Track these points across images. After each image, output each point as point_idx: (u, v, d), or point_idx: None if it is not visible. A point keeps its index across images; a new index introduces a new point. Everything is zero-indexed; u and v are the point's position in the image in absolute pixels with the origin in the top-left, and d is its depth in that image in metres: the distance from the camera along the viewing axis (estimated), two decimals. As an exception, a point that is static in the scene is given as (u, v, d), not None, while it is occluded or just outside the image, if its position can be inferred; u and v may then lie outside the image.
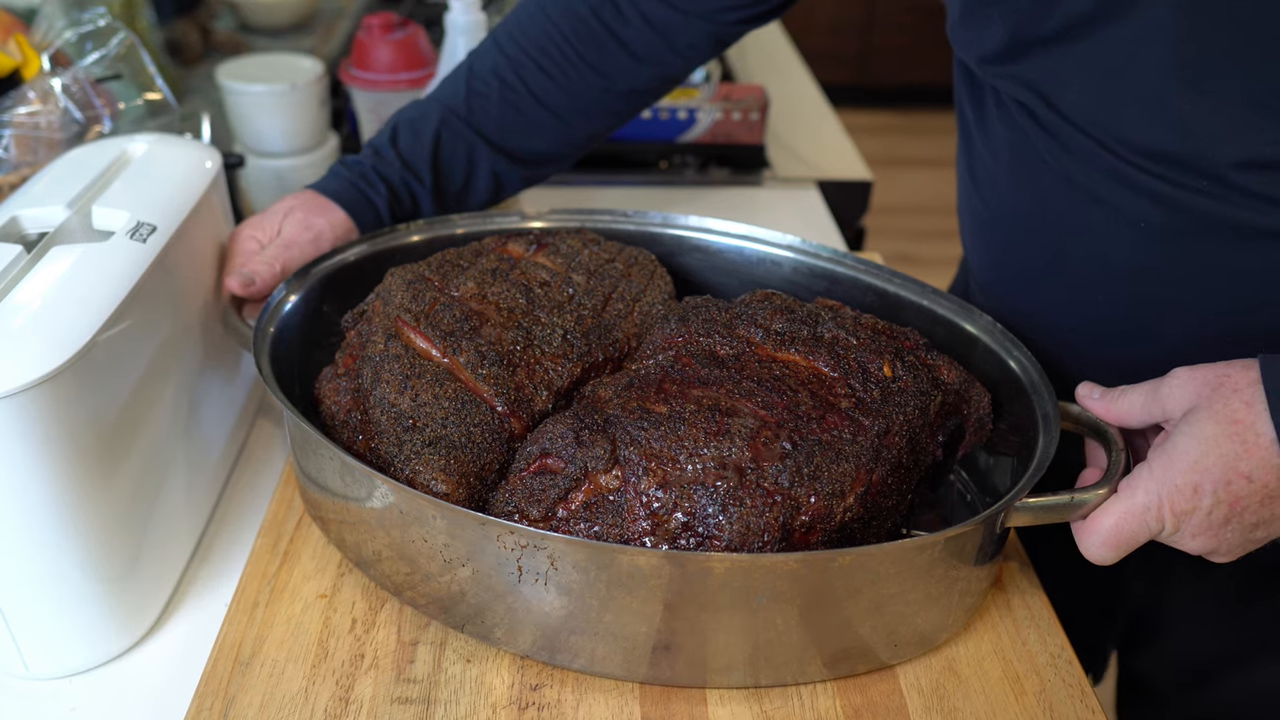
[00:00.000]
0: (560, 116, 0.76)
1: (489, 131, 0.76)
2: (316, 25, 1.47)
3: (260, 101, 0.96)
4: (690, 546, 0.49)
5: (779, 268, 0.72)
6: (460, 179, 0.76)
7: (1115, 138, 0.56)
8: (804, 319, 0.59)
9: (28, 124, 0.72)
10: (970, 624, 0.58)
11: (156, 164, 0.65)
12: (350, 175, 0.73)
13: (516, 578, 0.50)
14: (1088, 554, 0.53)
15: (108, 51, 0.80)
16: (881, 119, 3.51)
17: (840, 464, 0.51)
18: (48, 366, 0.47)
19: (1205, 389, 0.49)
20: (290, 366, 0.63)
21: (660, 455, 0.51)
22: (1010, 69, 0.60)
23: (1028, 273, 0.66)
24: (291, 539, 0.63)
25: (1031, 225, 0.64)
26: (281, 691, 0.53)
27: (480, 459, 0.54)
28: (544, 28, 0.75)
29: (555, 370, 0.59)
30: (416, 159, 0.74)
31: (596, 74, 0.75)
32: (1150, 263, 0.59)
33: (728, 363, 0.57)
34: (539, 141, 0.77)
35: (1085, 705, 0.54)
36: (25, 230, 0.59)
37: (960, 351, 0.64)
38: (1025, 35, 0.58)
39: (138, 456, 0.56)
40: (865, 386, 0.55)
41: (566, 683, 0.54)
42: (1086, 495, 0.52)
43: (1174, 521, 0.50)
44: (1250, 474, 0.47)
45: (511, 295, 0.62)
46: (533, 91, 0.75)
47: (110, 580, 0.55)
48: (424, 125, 0.75)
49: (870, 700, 0.54)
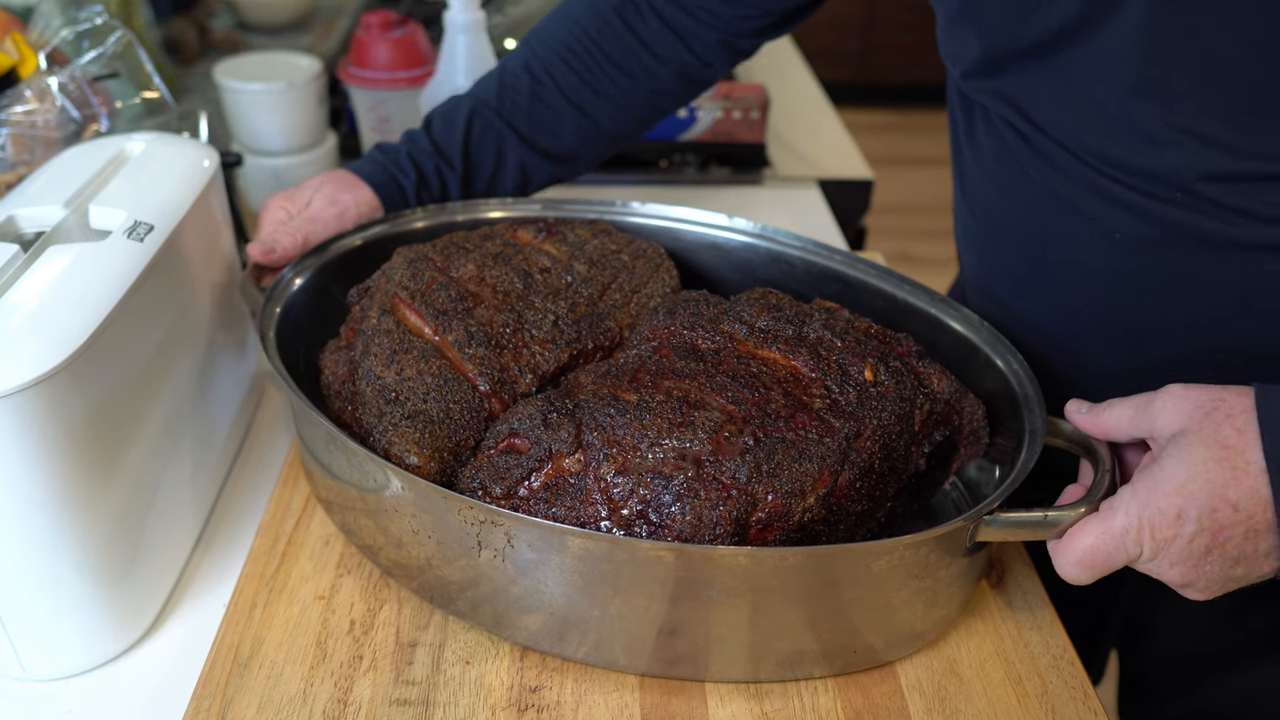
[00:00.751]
0: (586, 113, 0.78)
1: (519, 123, 0.77)
2: (315, 23, 1.46)
3: (258, 100, 0.95)
4: (643, 534, 0.50)
5: (792, 268, 0.72)
6: (489, 168, 0.78)
7: (1089, 150, 0.57)
8: (791, 318, 0.59)
9: (24, 123, 0.72)
10: (972, 625, 0.58)
11: (154, 163, 0.65)
12: (383, 159, 0.75)
13: (476, 552, 0.51)
14: (1061, 573, 0.51)
15: (105, 50, 0.80)
16: (882, 118, 3.51)
17: (803, 464, 0.51)
18: (44, 367, 0.47)
19: (1198, 412, 0.48)
20: (299, 341, 0.65)
21: (622, 442, 0.51)
22: (988, 83, 0.61)
23: (1014, 279, 0.67)
24: (290, 540, 0.63)
25: (1015, 233, 0.65)
26: (280, 693, 0.53)
27: (456, 435, 0.55)
28: (570, 28, 0.77)
29: (542, 355, 0.59)
30: (448, 145, 0.76)
31: (620, 71, 0.77)
32: (1127, 272, 0.59)
33: (706, 356, 0.57)
34: (566, 137, 0.78)
35: (1088, 707, 0.53)
36: (22, 229, 0.58)
37: (962, 361, 0.63)
38: (999, 51, 0.59)
39: (135, 457, 0.56)
40: (842, 388, 0.55)
41: (566, 684, 0.54)
42: (1061, 514, 0.51)
43: (1153, 547, 0.48)
44: (1237, 503, 0.46)
45: (509, 279, 0.63)
46: (560, 87, 0.77)
47: (107, 581, 0.55)
48: (456, 115, 0.77)
49: (871, 701, 0.53)
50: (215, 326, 0.67)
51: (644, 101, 0.79)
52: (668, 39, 0.76)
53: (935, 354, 0.62)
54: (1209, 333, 0.58)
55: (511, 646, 0.56)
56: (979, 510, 0.51)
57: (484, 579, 0.52)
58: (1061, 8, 0.54)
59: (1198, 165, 0.53)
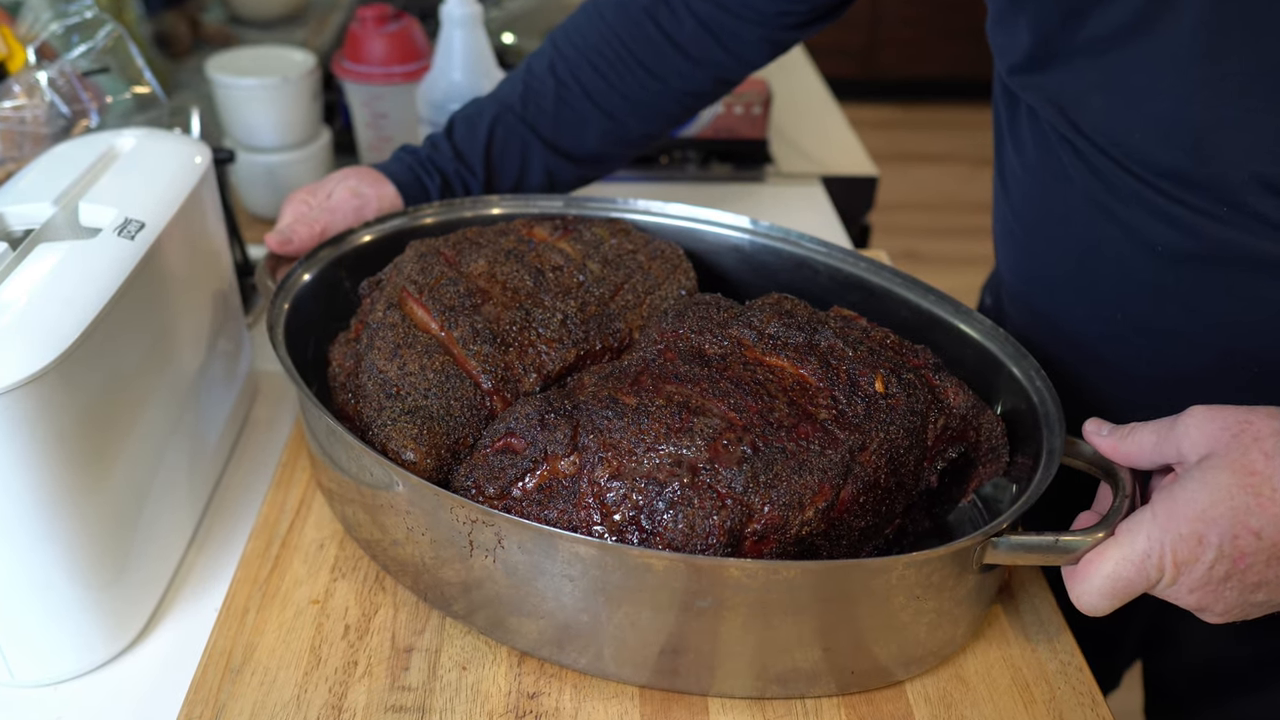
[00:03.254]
0: (613, 116, 0.77)
1: (543, 128, 0.77)
2: (308, 17, 1.45)
3: (251, 95, 0.94)
4: (635, 541, 0.49)
5: (816, 274, 0.70)
6: (513, 174, 0.77)
7: (1133, 157, 0.56)
8: (803, 325, 0.58)
9: (13, 118, 0.71)
10: (979, 632, 0.57)
11: (145, 159, 0.64)
12: (409, 160, 0.75)
13: (468, 551, 0.51)
14: (1078, 602, 0.49)
15: (95, 44, 0.79)
16: (887, 113, 3.49)
17: (803, 475, 0.49)
18: (33, 367, 0.46)
19: (1224, 435, 0.46)
20: (310, 333, 0.65)
21: (618, 446, 0.50)
22: (1034, 79, 0.60)
23: (1050, 282, 0.65)
24: (283, 543, 0.62)
25: (1054, 235, 0.63)
26: (273, 699, 0.52)
27: (455, 433, 0.55)
28: (599, 29, 0.76)
29: (548, 354, 0.59)
30: (470, 152, 0.76)
31: (650, 75, 0.76)
32: (1166, 285, 0.58)
33: (712, 362, 0.55)
34: (592, 140, 0.78)
35: (1096, 714, 0.52)
36: (10, 227, 0.58)
37: (985, 375, 0.62)
38: (1050, 47, 0.57)
39: (126, 459, 0.55)
40: (850, 399, 0.53)
41: (565, 690, 0.53)
42: (1074, 539, 0.48)
43: (1173, 573, 0.46)
44: (1260, 530, 0.44)
45: (520, 276, 0.63)
46: (586, 90, 0.76)
47: (98, 585, 0.54)
48: (479, 120, 0.76)
49: (877, 710, 0.53)
50: (207, 326, 0.66)
51: (675, 102, 0.78)
52: (703, 40, 0.74)
53: (959, 367, 0.60)
54: (1246, 348, 0.57)
55: (509, 652, 0.55)
56: (987, 531, 0.49)
57: (476, 580, 0.52)
58: (1122, 5, 0.53)
59: (1250, 175, 0.52)
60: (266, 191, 0.99)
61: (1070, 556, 0.49)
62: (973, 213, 2.92)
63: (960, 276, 2.71)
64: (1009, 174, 0.68)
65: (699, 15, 0.74)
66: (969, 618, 0.54)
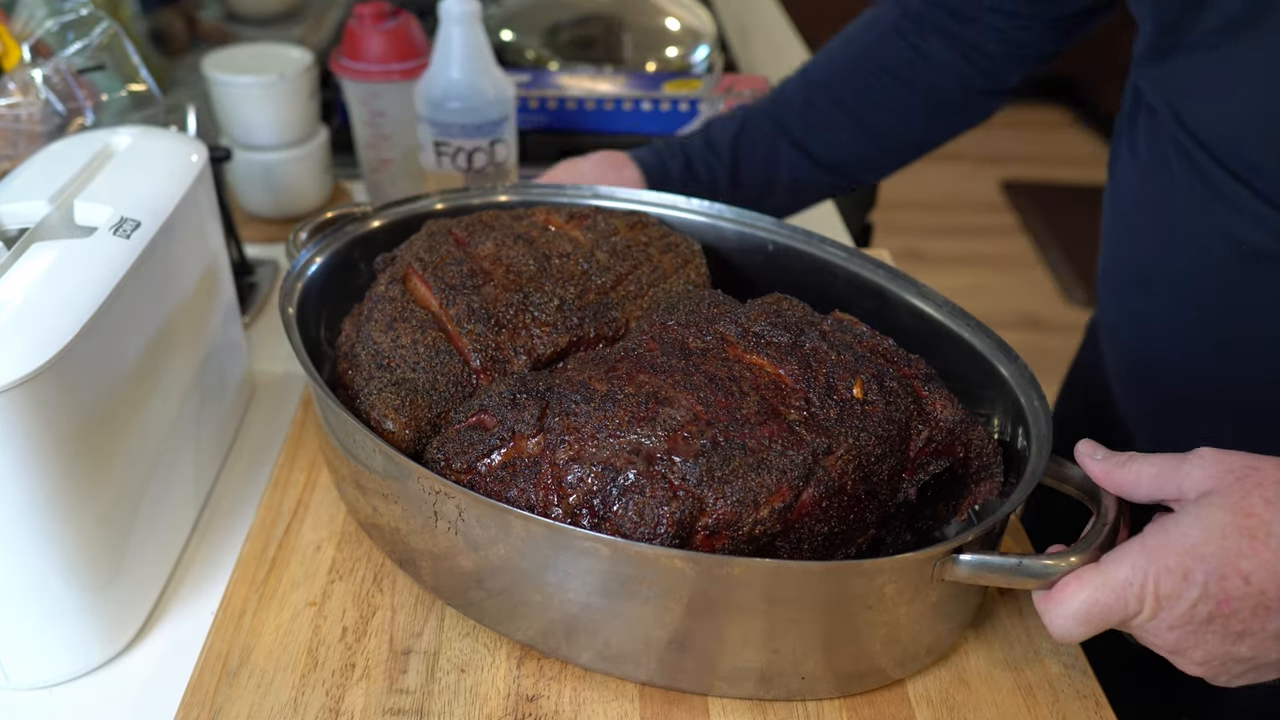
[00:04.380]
0: (864, 122, 0.80)
1: (793, 128, 0.80)
2: (306, 14, 1.45)
3: (248, 93, 0.94)
4: (586, 525, 0.49)
5: (834, 279, 0.70)
6: (759, 167, 0.80)
7: (1225, 150, 0.56)
8: (790, 326, 0.57)
9: (8, 116, 0.71)
10: (981, 632, 0.57)
11: (141, 158, 0.63)
12: (655, 146, 0.80)
13: (433, 522, 0.52)
14: (1051, 628, 0.48)
15: (90, 41, 0.78)
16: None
17: (760, 474, 0.49)
18: (28, 367, 0.46)
19: (1228, 476, 0.45)
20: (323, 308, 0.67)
21: (581, 430, 0.51)
22: (1153, 71, 0.61)
23: (1135, 272, 0.67)
24: (280, 545, 0.61)
25: (1146, 225, 0.65)
26: (270, 702, 0.52)
27: (437, 407, 0.56)
28: (848, 49, 0.81)
29: (541, 337, 0.59)
30: (719, 141, 0.80)
31: (898, 83, 0.78)
32: (1242, 283, 0.58)
33: (692, 355, 0.55)
34: (842, 146, 0.80)
35: (1100, 717, 0.52)
36: (5, 226, 0.57)
37: (989, 394, 0.60)
38: (1170, 38, 0.58)
39: (122, 459, 0.54)
40: (824, 402, 0.52)
41: (564, 693, 0.53)
42: (1041, 563, 0.47)
43: (1154, 606, 0.45)
44: (1249, 574, 0.43)
45: (524, 260, 0.63)
46: (837, 98, 0.80)
47: (93, 587, 0.53)
48: (729, 120, 0.81)
49: (878, 712, 0.52)
50: (204, 325, 0.66)
51: (923, 114, 0.80)
52: (947, 54, 0.77)
53: (961, 382, 0.59)
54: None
55: (508, 654, 0.55)
56: (945, 547, 0.48)
57: (442, 551, 0.53)
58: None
59: None
60: (263, 190, 0.99)
61: (1039, 582, 0.48)
62: (975, 212, 2.92)
63: (961, 276, 2.71)
64: (1118, 164, 0.69)
65: (943, 29, 0.77)
66: (927, 638, 0.53)
